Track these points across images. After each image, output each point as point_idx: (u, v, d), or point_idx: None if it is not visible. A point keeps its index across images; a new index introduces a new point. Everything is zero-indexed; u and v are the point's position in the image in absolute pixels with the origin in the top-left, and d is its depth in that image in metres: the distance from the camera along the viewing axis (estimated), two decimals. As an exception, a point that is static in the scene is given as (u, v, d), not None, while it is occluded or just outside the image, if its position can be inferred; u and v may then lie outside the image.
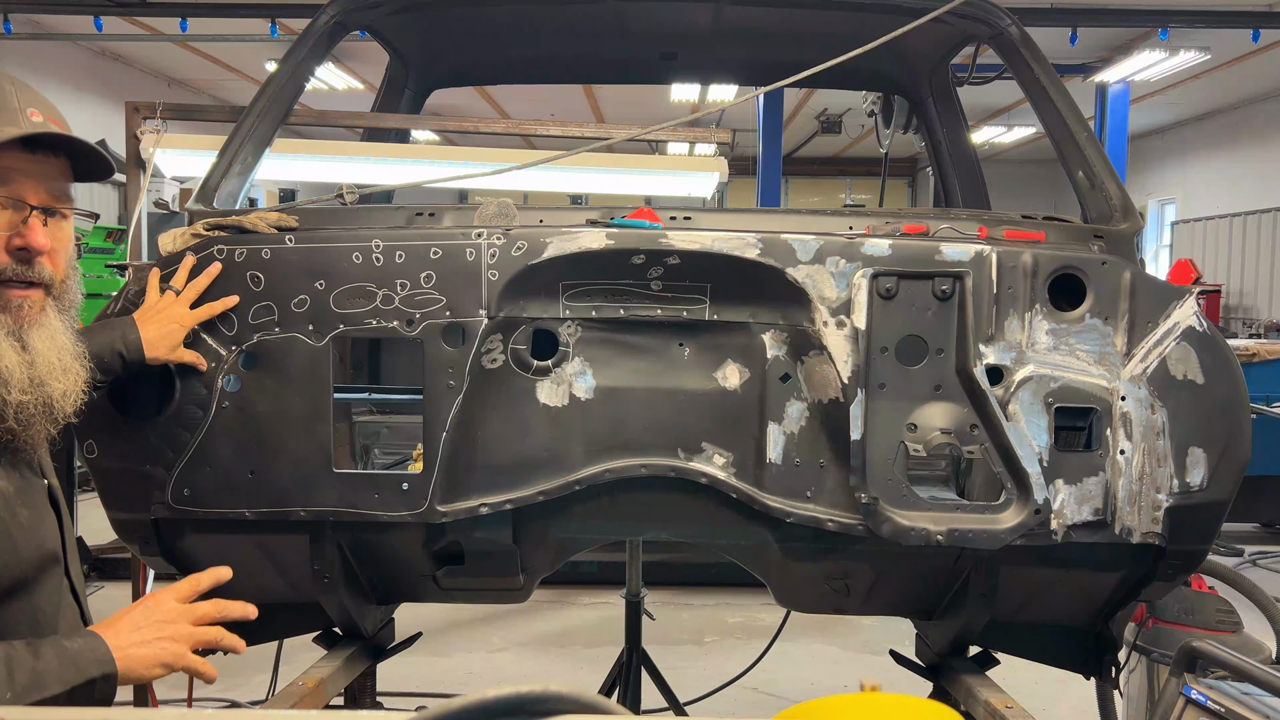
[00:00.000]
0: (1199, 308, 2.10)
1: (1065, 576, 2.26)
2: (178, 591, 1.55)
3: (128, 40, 11.09)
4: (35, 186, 1.40)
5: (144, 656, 1.45)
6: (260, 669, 3.28)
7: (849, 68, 2.47)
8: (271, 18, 9.06)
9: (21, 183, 1.39)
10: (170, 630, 1.49)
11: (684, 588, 5.66)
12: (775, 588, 2.42)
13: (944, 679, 2.50)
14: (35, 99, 1.42)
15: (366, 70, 11.92)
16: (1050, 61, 2.56)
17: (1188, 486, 2.06)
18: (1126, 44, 10.91)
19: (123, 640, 1.44)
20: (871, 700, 1.56)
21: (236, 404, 2.08)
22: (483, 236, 2.08)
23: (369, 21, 2.94)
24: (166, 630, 1.48)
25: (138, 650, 1.44)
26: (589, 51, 3.57)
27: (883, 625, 4.88)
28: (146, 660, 1.45)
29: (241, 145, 2.44)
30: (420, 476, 2.11)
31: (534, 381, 2.17)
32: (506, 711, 0.63)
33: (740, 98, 6.72)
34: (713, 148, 4.02)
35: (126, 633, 1.45)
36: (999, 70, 3.25)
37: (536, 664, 4.85)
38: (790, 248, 2.07)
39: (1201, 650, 2.01)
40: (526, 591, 2.43)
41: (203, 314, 2.06)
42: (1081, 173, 2.40)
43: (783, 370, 2.16)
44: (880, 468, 2.07)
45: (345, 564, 2.30)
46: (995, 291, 2.06)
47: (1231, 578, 2.99)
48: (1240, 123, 15.26)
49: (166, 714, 1.50)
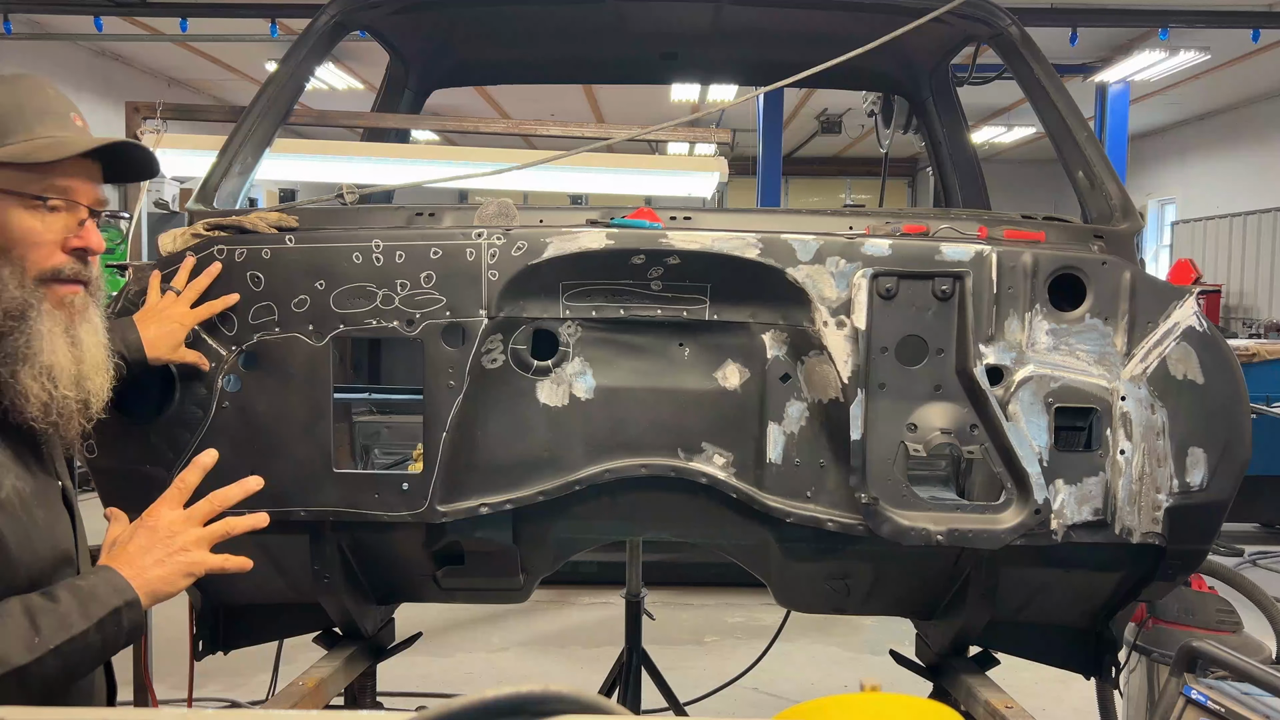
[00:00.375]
0: (1199, 308, 2.10)
1: (1065, 576, 2.26)
2: (169, 501, 1.51)
3: (128, 40, 11.09)
4: (88, 190, 1.47)
5: (164, 575, 1.44)
6: (260, 669, 3.28)
7: (849, 68, 2.47)
8: (271, 18, 9.06)
9: (79, 186, 1.45)
10: (180, 541, 1.47)
11: (684, 588, 5.66)
12: (775, 588, 2.42)
13: (944, 679, 2.50)
14: (71, 103, 1.50)
15: (366, 70, 11.92)
16: (1050, 61, 2.56)
17: (1188, 486, 2.06)
18: (1126, 44, 10.92)
19: (136, 565, 1.43)
20: (871, 700, 1.56)
21: (237, 404, 2.08)
22: (483, 236, 2.08)
23: (369, 21, 2.94)
24: (176, 542, 1.47)
25: (155, 571, 1.44)
26: (589, 51, 3.57)
27: (883, 625, 4.88)
28: (168, 578, 1.45)
29: (241, 145, 2.44)
30: (420, 476, 2.11)
31: (534, 381, 2.17)
32: (506, 711, 0.63)
33: (740, 98, 6.73)
34: (713, 148, 4.03)
35: (137, 557, 1.44)
36: (999, 70, 3.24)
37: (536, 664, 4.85)
38: (790, 248, 2.07)
39: (1201, 650, 2.01)
40: (526, 591, 2.43)
41: (203, 313, 2.06)
42: (1081, 173, 2.40)
43: (783, 370, 2.16)
44: (880, 468, 2.07)
45: (345, 564, 2.30)
46: (995, 291, 2.06)
47: (1231, 578, 2.99)
48: (1240, 123, 15.26)
49: (166, 714, 1.50)
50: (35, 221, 1.41)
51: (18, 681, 1.27)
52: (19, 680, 1.27)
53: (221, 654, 2.48)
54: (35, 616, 1.31)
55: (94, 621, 1.34)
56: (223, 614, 2.45)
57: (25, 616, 1.30)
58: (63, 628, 1.32)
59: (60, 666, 1.31)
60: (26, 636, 1.28)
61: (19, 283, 1.39)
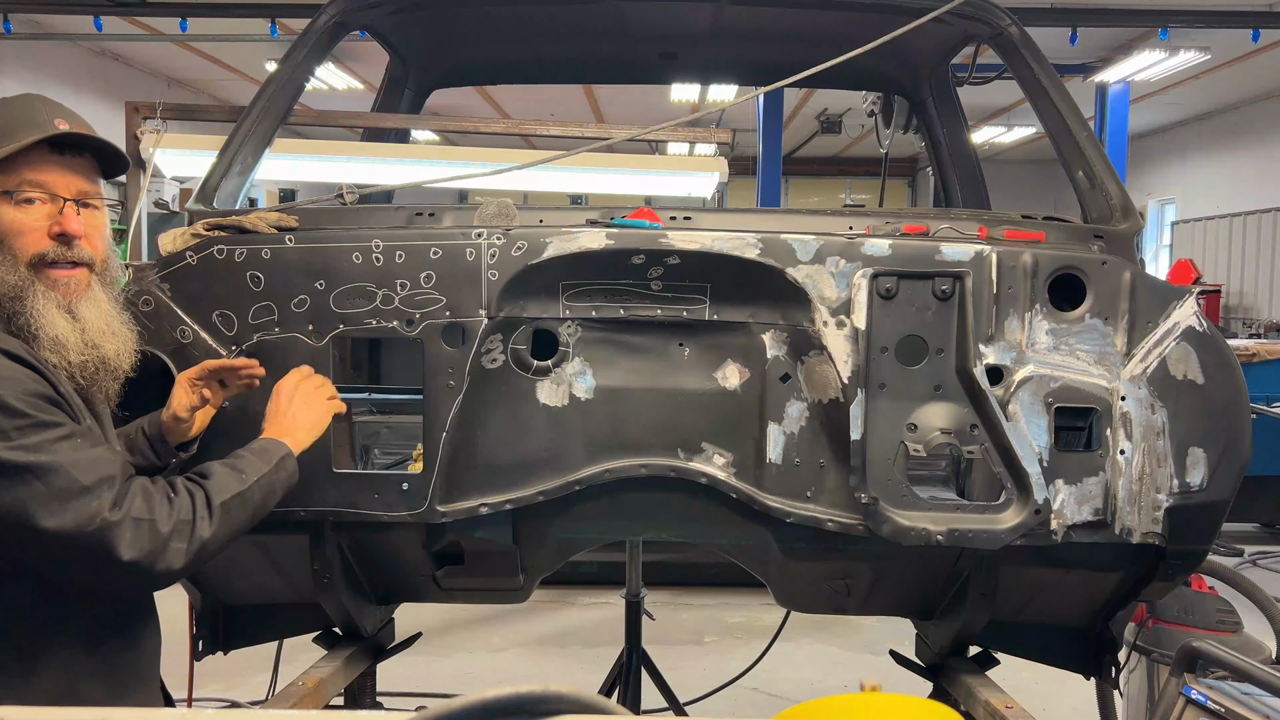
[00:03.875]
0: (1199, 308, 2.10)
1: (1065, 576, 2.26)
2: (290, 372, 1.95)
3: (127, 40, 11.08)
4: (66, 182, 1.64)
5: (312, 419, 1.91)
6: (260, 669, 3.28)
7: (849, 68, 2.47)
8: (271, 18, 9.05)
9: (54, 180, 1.62)
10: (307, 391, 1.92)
11: (684, 588, 5.65)
12: (775, 588, 2.42)
13: (944, 679, 2.50)
14: (62, 111, 1.66)
15: (366, 70, 11.91)
16: (1050, 61, 2.56)
17: (1188, 486, 2.06)
18: (1126, 44, 10.91)
19: (283, 426, 1.86)
20: (871, 700, 1.56)
21: (236, 404, 2.08)
22: (483, 236, 2.08)
23: (369, 21, 2.94)
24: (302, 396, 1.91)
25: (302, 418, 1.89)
26: (589, 51, 3.57)
27: (883, 625, 4.88)
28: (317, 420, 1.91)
29: (241, 145, 2.44)
30: (420, 476, 2.11)
31: (534, 381, 2.17)
32: (507, 711, 0.63)
33: (740, 98, 6.72)
34: (713, 148, 4.03)
35: (281, 419, 1.87)
36: (999, 70, 3.24)
37: (536, 664, 4.85)
38: (790, 248, 2.07)
39: (1201, 650, 2.01)
40: (526, 591, 2.43)
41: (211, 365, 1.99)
42: (1081, 173, 2.40)
43: (783, 370, 2.16)
44: (880, 468, 2.07)
45: (345, 564, 2.30)
46: (995, 291, 2.06)
47: (1231, 578, 2.99)
48: (1240, 123, 15.26)
49: (166, 714, 1.50)
50: (18, 214, 1.60)
51: (241, 503, 1.67)
52: (242, 501, 1.67)
53: (221, 654, 2.48)
54: (233, 465, 1.71)
55: (272, 464, 1.75)
56: (223, 614, 2.45)
57: (225, 467, 1.70)
58: (257, 468, 1.73)
59: (261, 496, 1.71)
60: (236, 474, 1.69)
61: (12, 269, 1.58)
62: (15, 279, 1.57)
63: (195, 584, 2.36)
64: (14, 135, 1.59)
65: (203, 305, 2.09)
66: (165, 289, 2.08)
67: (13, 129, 1.59)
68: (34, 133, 1.59)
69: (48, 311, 1.58)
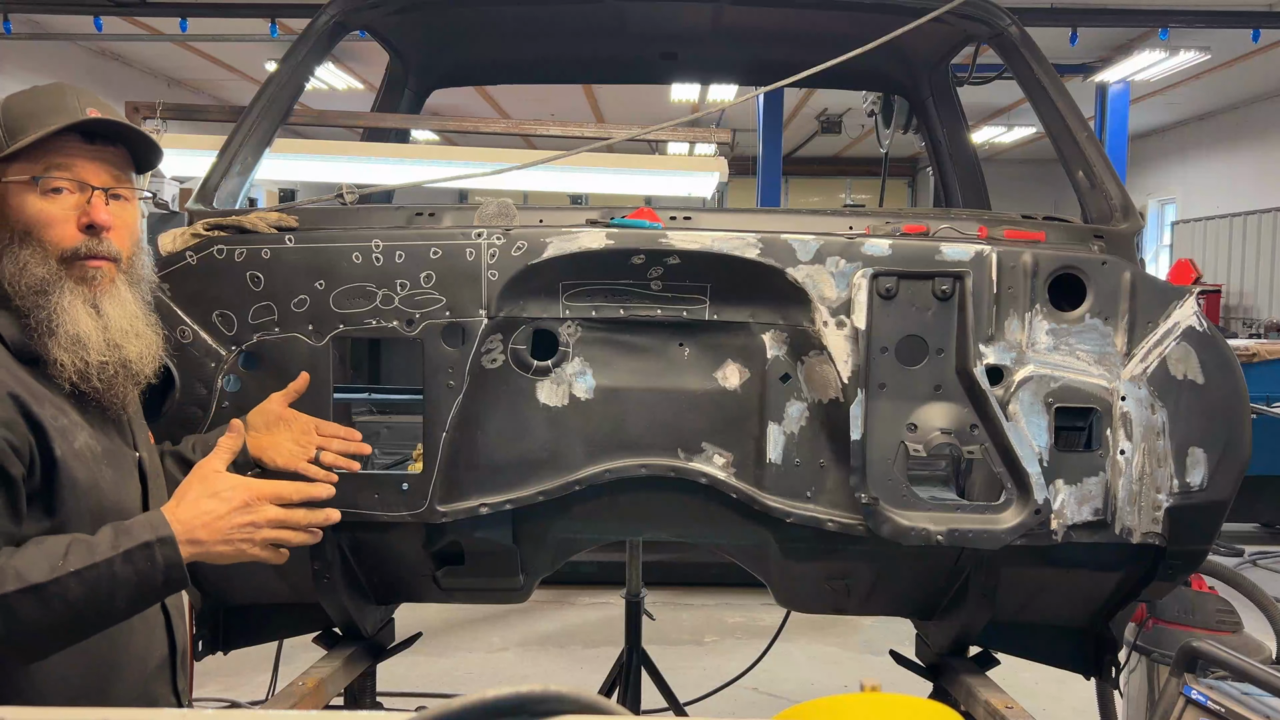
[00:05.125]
0: (1199, 308, 2.10)
1: (1065, 576, 2.26)
2: (220, 457, 1.63)
3: (127, 40, 11.08)
4: (96, 171, 1.59)
5: (218, 540, 1.54)
6: (260, 669, 3.28)
7: (849, 68, 2.47)
8: (271, 18, 9.05)
9: (84, 168, 1.58)
10: (250, 516, 1.57)
11: (684, 588, 5.66)
12: (775, 588, 2.42)
13: (944, 679, 2.50)
14: (95, 101, 1.62)
15: (366, 70, 11.92)
16: (1050, 61, 2.56)
17: (1188, 486, 2.06)
18: (1126, 44, 10.91)
19: (186, 512, 1.52)
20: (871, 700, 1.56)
21: (236, 404, 2.08)
22: (483, 236, 2.08)
23: (369, 21, 2.93)
24: (244, 517, 1.57)
25: (208, 531, 1.53)
26: (589, 51, 3.57)
27: (883, 625, 4.88)
28: (226, 552, 1.56)
29: (241, 145, 2.44)
30: (420, 476, 2.11)
31: (534, 381, 2.17)
32: (507, 711, 0.63)
33: (740, 98, 6.72)
34: (713, 148, 4.03)
35: (191, 506, 1.54)
36: (999, 70, 3.24)
37: (536, 664, 4.85)
38: (790, 248, 2.07)
39: (1201, 650, 2.01)
40: (526, 591, 2.43)
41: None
42: (1081, 173, 2.40)
43: (783, 370, 2.16)
44: (880, 468, 2.07)
45: (345, 564, 2.30)
46: (995, 291, 2.06)
47: (1231, 578, 2.99)
48: (1240, 123, 15.26)
49: (166, 714, 1.50)
50: (45, 204, 1.54)
51: (38, 601, 1.34)
52: (39, 600, 1.34)
53: (221, 654, 2.48)
54: (71, 544, 1.41)
55: (120, 551, 1.42)
56: (223, 614, 2.45)
57: (62, 544, 1.41)
58: (89, 554, 1.40)
59: (84, 594, 1.38)
60: (53, 559, 1.38)
61: (41, 262, 1.52)
62: (45, 272, 1.52)
63: (195, 584, 2.35)
64: (43, 121, 1.54)
65: (202, 305, 2.09)
66: (165, 289, 2.08)
67: (42, 115, 1.55)
68: (63, 118, 1.54)
69: (73, 308, 1.52)
